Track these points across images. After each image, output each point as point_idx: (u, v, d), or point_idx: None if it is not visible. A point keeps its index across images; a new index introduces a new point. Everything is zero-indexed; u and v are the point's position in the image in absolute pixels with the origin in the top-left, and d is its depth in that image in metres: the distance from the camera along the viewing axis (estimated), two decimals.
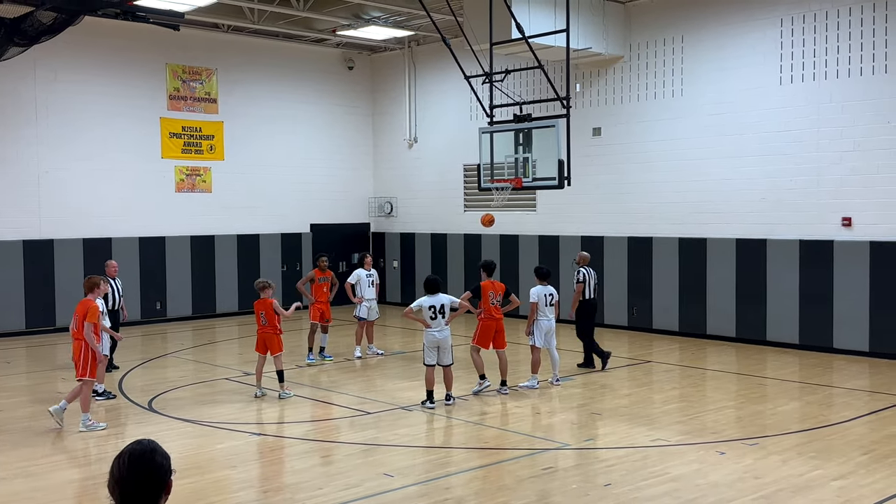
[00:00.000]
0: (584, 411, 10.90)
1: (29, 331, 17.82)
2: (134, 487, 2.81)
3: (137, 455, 2.86)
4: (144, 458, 2.86)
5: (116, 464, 2.86)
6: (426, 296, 11.14)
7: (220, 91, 20.62)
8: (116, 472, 2.84)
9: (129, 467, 2.83)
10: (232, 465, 8.79)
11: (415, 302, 11.20)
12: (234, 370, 13.77)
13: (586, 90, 18.40)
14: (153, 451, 2.88)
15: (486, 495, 7.62)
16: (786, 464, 8.50)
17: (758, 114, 15.75)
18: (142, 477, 2.83)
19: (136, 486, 2.81)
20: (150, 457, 2.86)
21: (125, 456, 2.86)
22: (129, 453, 2.87)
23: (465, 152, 20.30)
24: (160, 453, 2.89)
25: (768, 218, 15.69)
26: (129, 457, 2.85)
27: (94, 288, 10.60)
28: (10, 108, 17.73)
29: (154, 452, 2.88)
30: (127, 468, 2.83)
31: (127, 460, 2.85)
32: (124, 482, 2.82)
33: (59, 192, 18.31)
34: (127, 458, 2.85)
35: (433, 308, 11.03)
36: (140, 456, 2.86)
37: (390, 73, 22.90)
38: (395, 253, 22.91)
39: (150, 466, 2.85)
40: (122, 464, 2.84)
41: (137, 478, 2.82)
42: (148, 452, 2.87)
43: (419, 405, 11.12)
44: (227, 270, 20.70)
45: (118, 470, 2.84)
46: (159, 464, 2.86)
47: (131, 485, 2.81)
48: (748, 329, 16.02)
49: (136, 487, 2.81)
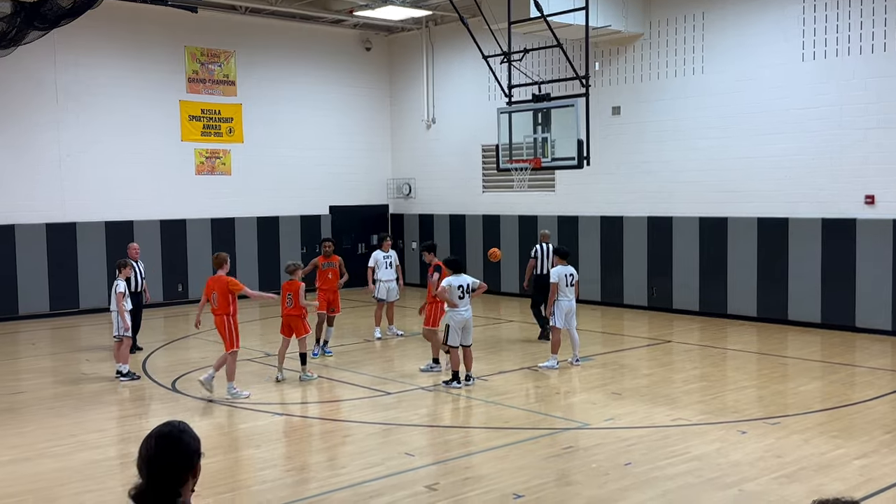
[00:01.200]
0: (604, 391, 10.90)
1: (53, 313, 18.02)
2: (161, 467, 2.82)
3: (166, 435, 2.87)
4: (172, 438, 2.87)
5: (145, 443, 2.88)
6: (452, 275, 11.12)
7: (239, 73, 20.64)
8: (144, 452, 2.86)
9: (157, 447, 2.85)
10: (255, 444, 8.87)
11: (444, 281, 11.16)
12: (256, 351, 13.86)
13: (606, 69, 18.26)
14: (182, 433, 2.89)
15: (507, 474, 7.65)
16: (808, 443, 8.47)
17: (779, 91, 15.58)
18: (169, 457, 2.84)
19: (163, 466, 2.82)
20: (178, 437, 2.87)
21: (154, 436, 2.88)
22: (157, 433, 2.89)
23: (483, 133, 20.25)
24: (189, 434, 2.90)
25: (790, 196, 15.55)
26: (157, 437, 2.87)
27: (224, 264, 10.96)
28: (31, 92, 17.84)
29: (183, 433, 2.89)
30: (155, 448, 2.84)
31: (155, 440, 2.86)
32: (151, 462, 2.83)
33: (81, 175, 18.44)
34: (155, 438, 2.87)
35: (461, 287, 11.04)
36: (168, 436, 2.87)
37: (408, 54, 22.83)
38: (414, 234, 22.93)
39: (177, 447, 2.86)
40: (151, 443, 2.86)
41: (165, 458, 2.83)
42: (176, 433, 2.88)
43: (442, 385, 11.16)
44: (248, 253, 20.81)
45: (146, 449, 2.86)
46: (187, 444, 2.87)
47: (158, 465, 2.83)
48: (769, 308, 15.93)
49: (163, 467, 2.82)
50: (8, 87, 17.49)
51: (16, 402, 10.76)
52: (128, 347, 11.97)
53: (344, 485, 7.45)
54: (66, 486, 7.54)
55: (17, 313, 17.65)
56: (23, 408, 10.48)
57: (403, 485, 7.41)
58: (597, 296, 18.57)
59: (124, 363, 11.79)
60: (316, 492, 7.34)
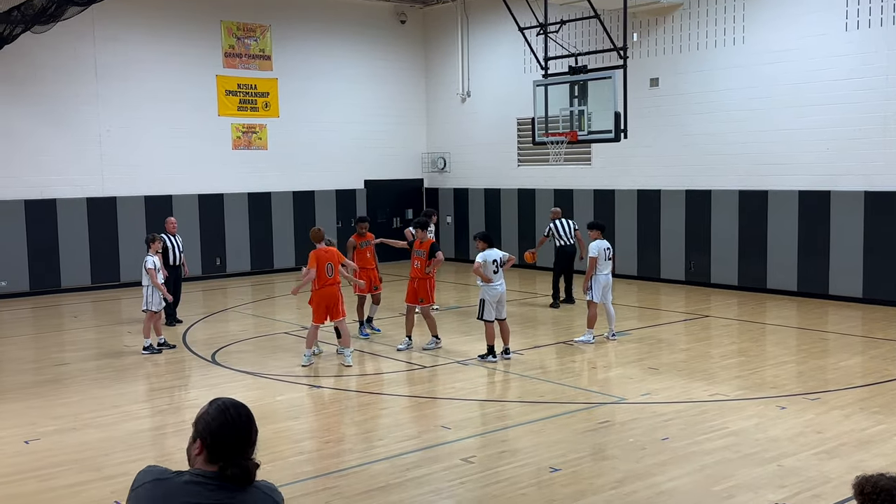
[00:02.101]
0: (640, 366, 10.86)
1: (94, 286, 18.34)
2: (240, 436, 2.74)
3: (240, 406, 2.80)
4: (245, 409, 2.80)
5: (226, 418, 2.75)
6: (487, 250, 11.08)
7: (274, 48, 20.68)
8: (228, 426, 2.74)
9: (240, 416, 2.76)
10: (293, 416, 8.98)
11: (479, 256, 11.09)
12: (293, 325, 14.00)
13: (644, 40, 17.99)
14: (245, 407, 2.83)
15: (543, 448, 7.67)
16: (848, 418, 8.37)
17: (822, 61, 15.25)
18: (247, 427, 2.78)
19: (245, 435, 2.75)
20: (247, 411, 2.81)
21: (226, 409, 2.78)
22: (232, 405, 2.79)
23: (518, 106, 20.11)
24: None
25: (832, 169, 15.26)
26: (236, 408, 2.78)
27: (322, 238, 11.14)
28: (71, 68, 18.04)
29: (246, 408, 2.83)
30: (236, 417, 2.75)
31: (236, 411, 2.77)
32: (238, 434, 2.74)
33: (120, 150, 18.66)
34: (234, 408, 2.78)
35: (496, 262, 11.02)
36: (242, 407, 2.80)
37: (443, 27, 22.69)
38: (449, 208, 22.91)
39: (251, 419, 2.80)
40: (231, 415, 2.76)
41: (246, 427, 2.76)
42: (244, 406, 2.81)
43: (477, 359, 11.19)
44: (284, 226, 20.96)
45: (230, 423, 2.74)
46: (252, 419, 2.83)
47: (243, 434, 2.75)
48: (810, 283, 15.71)
49: (244, 436, 2.75)
50: (48, 63, 17.70)
51: (60, 374, 10.99)
52: (154, 320, 12.05)
53: (381, 457, 7.53)
54: (111, 455, 7.71)
55: (59, 286, 18.00)
56: (67, 379, 10.71)
57: (440, 457, 7.47)
58: (633, 270, 18.44)
59: (147, 336, 11.95)
60: (353, 463, 7.43)
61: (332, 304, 10.90)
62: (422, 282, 11.87)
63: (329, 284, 10.85)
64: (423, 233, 12.07)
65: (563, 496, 6.55)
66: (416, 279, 11.92)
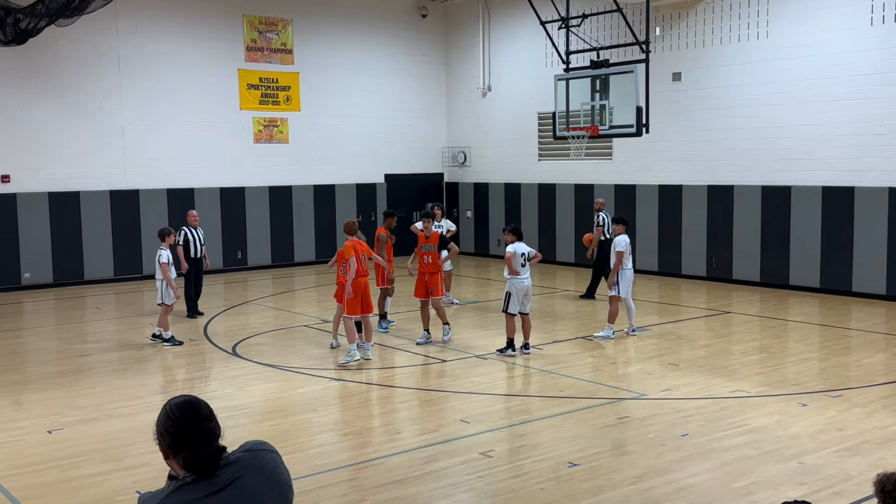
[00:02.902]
0: (660, 362, 10.81)
1: (117, 278, 18.50)
2: (187, 428, 2.69)
3: (184, 403, 2.75)
4: (188, 405, 2.74)
5: (168, 414, 2.70)
6: (516, 243, 11.07)
7: (296, 42, 20.73)
8: (172, 420, 2.69)
9: (182, 412, 2.71)
10: (312, 408, 9.02)
11: (510, 247, 11.04)
12: (313, 318, 14.05)
13: (666, 34, 17.88)
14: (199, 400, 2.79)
15: (562, 443, 7.66)
16: (870, 416, 8.30)
17: (846, 56, 15.08)
18: (191, 418, 2.72)
19: (190, 426, 2.70)
20: (192, 405, 2.75)
21: (169, 408, 2.73)
22: (174, 403, 2.74)
23: (539, 100, 20.05)
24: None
25: (856, 164, 15.10)
26: (178, 406, 2.73)
27: (356, 230, 11.22)
28: (94, 61, 18.18)
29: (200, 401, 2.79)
30: (177, 413, 2.70)
31: (178, 408, 2.72)
32: (173, 428, 2.68)
33: (143, 143, 18.80)
34: (176, 407, 2.73)
35: (524, 255, 11.01)
36: (185, 403, 2.75)
37: (464, 20, 22.65)
38: (469, 203, 22.90)
39: (196, 410, 2.74)
40: (175, 410, 2.70)
41: (189, 418, 2.71)
42: (188, 402, 2.76)
43: (496, 353, 11.19)
44: (305, 220, 21.04)
45: (172, 417, 2.69)
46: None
47: (190, 424, 2.70)
48: (833, 279, 15.57)
49: (192, 427, 2.70)
50: (72, 56, 17.85)
51: (83, 364, 11.10)
52: (169, 314, 12.13)
53: (399, 450, 7.55)
54: (132, 445, 7.78)
55: (82, 278, 18.17)
56: (90, 369, 10.82)
57: (458, 451, 7.48)
58: (654, 266, 18.36)
59: (166, 329, 12.03)
60: (372, 456, 7.46)
61: (367, 296, 10.95)
62: (433, 276, 11.93)
63: (363, 276, 10.91)
64: (429, 223, 12.11)
65: (581, 491, 6.54)
66: (427, 273, 11.96)
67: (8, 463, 7.38)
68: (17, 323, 14.54)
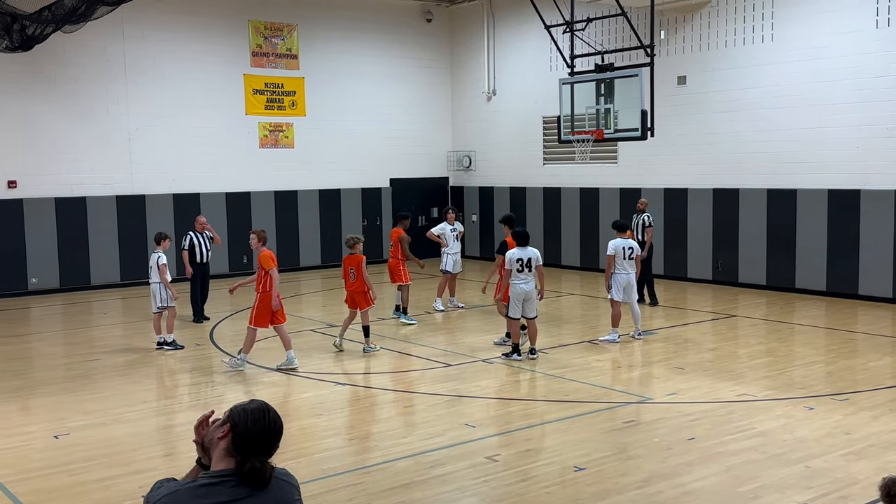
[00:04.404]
0: (666, 365, 10.80)
1: (124, 283, 18.54)
2: (268, 440, 2.85)
3: (277, 415, 2.92)
4: (280, 419, 2.92)
5: (262, 416, 2.86)
6: (517, 248, 11.11)
7: (301, 47, 20.78)
8: (261, 423, 2.84)
9: (275, 423, 2.88)
10: (318, 413, 9.03)
11: (508, 252, 11.19)
12: (319, 322, 14.07)
13: (671, 37, 17.88)
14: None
15: (568, 447, 7.66)
16: (877, 419, 8.28)
17: (852, 59, 15.06)
18: (277, 434, 2.89)
19: (273, 440, 2.87)
20: (281, 422, 2.94)
21: (266, 410, 2.89)
22: (273, 410, 2.91)
23: (544, 104, 20.06)
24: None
25: (862, 167, 15.08)
26: (274, 413, 2.90)
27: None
28: (100, 67, 18.25)
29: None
30: (272, 421, 2.87)
31: (274, 415, 2.89)
32: (267, 435, 2.85)
33: (149, 148, 18.86)
34: (273, 413, 2.90)
35: (521, 261, 11.01)
36: (279, 416, 2.93)
37: (469, 25, 22.68)
38: (474, 207, 22.90)
39: (281, 430, 2.92)
40: (269, 417, 2.87)
41: (276, 433, 2.88)
42: (280, 417, 2.94)
43: (501, 357, 11.19)
44: (310, 225, 21.07)
45: (264, 421, 2.85)
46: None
47: (273, 437, 2.86)
48: (839, 283, 15.54)
49: (271, 441, 2.87)
50: (78, 62, 17.92)
51: (90, 369, 11.13)
52: (159, 319, 12.17)
53: (405, 454, 7.55)
54: (139, 450, 7.80)
55: (89, 283, 18.22)
56: (96, 374, 10.84)
57: (464, 455, 7.48)
58: (660, 269, 18.32)
59: (169, 333, 12.06)
60: (378, 460, 7.46)
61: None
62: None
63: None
64: (507, 229, 12.91)
65: (587, 495, 6.54)
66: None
67: (15, 468, 7.41)
68: (24, 328, 14.59)
